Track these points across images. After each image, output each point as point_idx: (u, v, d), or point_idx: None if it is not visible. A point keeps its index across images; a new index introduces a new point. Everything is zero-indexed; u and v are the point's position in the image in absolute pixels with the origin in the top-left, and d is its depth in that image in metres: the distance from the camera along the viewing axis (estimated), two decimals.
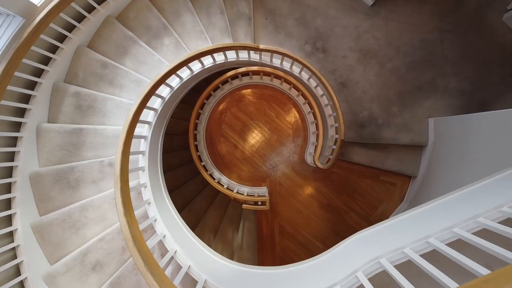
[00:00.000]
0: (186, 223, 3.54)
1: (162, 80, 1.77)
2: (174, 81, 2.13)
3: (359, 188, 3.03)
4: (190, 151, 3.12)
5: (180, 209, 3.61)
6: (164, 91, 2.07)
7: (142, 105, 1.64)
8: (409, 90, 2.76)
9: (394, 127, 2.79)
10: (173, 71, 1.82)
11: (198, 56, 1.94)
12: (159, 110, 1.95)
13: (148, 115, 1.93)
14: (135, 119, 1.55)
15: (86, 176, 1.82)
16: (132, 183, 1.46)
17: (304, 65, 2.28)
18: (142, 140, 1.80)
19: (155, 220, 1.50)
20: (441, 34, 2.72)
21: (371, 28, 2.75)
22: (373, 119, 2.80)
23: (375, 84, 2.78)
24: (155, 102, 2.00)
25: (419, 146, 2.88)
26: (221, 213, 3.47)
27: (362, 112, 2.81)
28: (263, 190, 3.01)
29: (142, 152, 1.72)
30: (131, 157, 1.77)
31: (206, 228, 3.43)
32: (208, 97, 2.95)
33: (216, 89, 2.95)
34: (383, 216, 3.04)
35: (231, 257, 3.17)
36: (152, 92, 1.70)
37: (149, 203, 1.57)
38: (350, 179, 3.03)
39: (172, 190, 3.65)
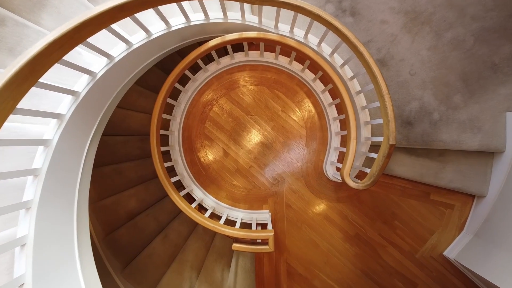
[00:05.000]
0: (160, 254, 2.76)
1: (74, 35, 0.99)
2: (115, 47, 1.35)
3: (401, 212, 2.25)
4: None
5: (154, 234, 2.84)
6: (94, 62, 1.28)
7: (24, 78, 0.86)
8: (478, 71, 1.99)
9: (456, 125, 2.01)
10: (101, 20, 1.04)
11: (150, 1, 1.16)
12: (83, 95, 1.17)
13: (60, 103, 1.14)
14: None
15: None
16: None
17: (329, 25, 1.50)
18: (40, 148, 1.01)
19: None
20: None
21: None
22: (426, 113, 2.02)
23: (429, 62, 2.01)
24: (78, 81, 1.21)
25: (489, 153, 2.10)
26: (206, 243, 2.68)
27: (409, 103, 2.03)
28: (264, 216, 2.22)
29: (32, 172, 0.94)
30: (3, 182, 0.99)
31: (186, 263, 2.65)
32: (184, 81, 2.16)
33: (195, 69, 2.17)
34: (435, 251, 2.26)
35: None
36: (50, 55, 0.93)
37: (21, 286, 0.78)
38: (388, 200, 2.25)
39: (143, 210, 2.89)
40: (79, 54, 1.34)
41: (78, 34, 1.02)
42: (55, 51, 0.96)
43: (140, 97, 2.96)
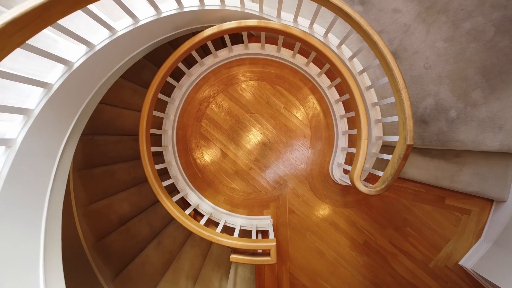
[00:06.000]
0: (153, 262, 2.61)
1: (41, 14, 0.85)
2: (96, 34, 1.19)
3: (413, 218, 2.10)
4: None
5: (147, 241, 2.69)
6: (71, 50, 1.13)
7: None
8: (499, 64, 1.84)
9: (475, 123, 1.87)
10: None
11: None
12: (56, 87, 1.02)
13: (26, 97, 0.99)
14: None
15: None
16: None
17: (338, 11, 1.35)
18: (1, 149, 0.86)
19: None
20: None
21: None
22: (442, 110, 1.87)
23: (445, 54, 1.86)
24: (51, 71, 1.06)
25: (510, 154, 1.95)
26: (203, 251, 2.54)
27: (424, 100, 1.88)
28: (265, 222, 2.07)
29: None
30: None
31: (181, 272, 2.50)
32: (178, 76, 2.02)
33: (190, 63, 2.02)
34: (450, 260, 2.11)
35: None
36: (8, 37, 0.79)
37: None
38: (399, 205, 2.10)
39: (136, 214, 2.74)
40: (55, 41, 1.19)
41: (47, 14, 0.87)
42: (15, 33, 0.81)
43: (134, 94, 2.82)
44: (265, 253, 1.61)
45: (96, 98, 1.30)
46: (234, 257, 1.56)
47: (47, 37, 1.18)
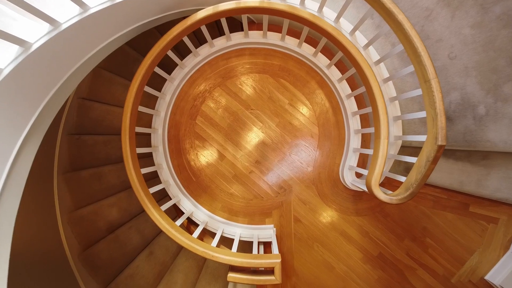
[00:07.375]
0: (144, 274, 2.40)
1: None
2: (64, 10, 0.99)
3: (434, 227, 1.90)
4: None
5: (138, 251, 2.50)
6: (28, 29, 0.93)
7: None
8: None
9: (506, 121, 1.66)
10: None
11: None
12: (5, 73, 0.82)
13: None
14: None
15: None
16: None
17: None
18: None
19: None
20: None
21: None
22: (469, 106, 1.67)
23: (473, 43, 1.65)
24: (1, 55, 0.86)
25: None
26: (199, 263, 2.33)
27: (448, 94, 1.68)
28: (267, 232, 1.87)
29: None
30: None
31: (174, 286, 2.31)
32: (170, 68, 1.81)
33: (183, 54, 1.82)
34: (475, 275, 1.90)
35: None
36: None
37: None
38: (418, 212, 1.90)
39: (126, 221, 2.55)
40: (13, 20, 0.98)
41: None
42: None
43: (125, 91, 2.62)
44: (268, 270, 1.41)
45: (66, 89, 1.09)
46: (232, 276, 1.36)
47: (4, 15, 0.97)
